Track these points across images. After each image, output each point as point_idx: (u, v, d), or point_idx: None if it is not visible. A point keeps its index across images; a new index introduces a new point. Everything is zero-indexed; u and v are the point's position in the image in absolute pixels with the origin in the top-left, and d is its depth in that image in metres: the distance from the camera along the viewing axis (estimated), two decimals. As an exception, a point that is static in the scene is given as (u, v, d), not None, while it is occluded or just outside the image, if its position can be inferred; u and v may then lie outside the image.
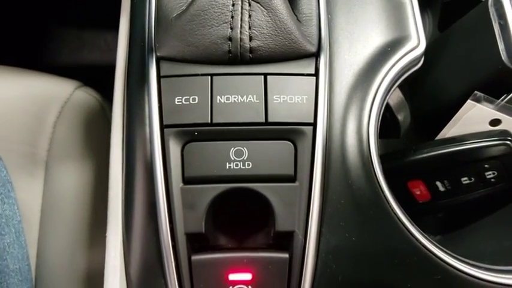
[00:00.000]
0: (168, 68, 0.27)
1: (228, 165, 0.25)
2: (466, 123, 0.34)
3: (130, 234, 0.26)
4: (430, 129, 0.37)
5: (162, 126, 0.26)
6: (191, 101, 0.26)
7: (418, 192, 0.36)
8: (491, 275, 0.25)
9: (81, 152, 0.46)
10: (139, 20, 0.29)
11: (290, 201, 0.25)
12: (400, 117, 0.33)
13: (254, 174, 0.25)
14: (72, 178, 0.46)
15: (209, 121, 0.26)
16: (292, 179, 0.26)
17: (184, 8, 0.27)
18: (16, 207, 0.42)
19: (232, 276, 0.24)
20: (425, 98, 0.41)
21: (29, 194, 0.45)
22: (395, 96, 0.33)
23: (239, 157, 0.26)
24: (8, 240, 0.40)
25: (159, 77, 0.27)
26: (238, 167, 0.25)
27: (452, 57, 0.37)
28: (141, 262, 0.26)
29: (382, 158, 0.38)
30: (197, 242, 0.26)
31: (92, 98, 0.49)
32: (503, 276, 0.26)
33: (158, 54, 0.27)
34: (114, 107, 0.30)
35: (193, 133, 0.26)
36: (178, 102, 0.26)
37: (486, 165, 0.33)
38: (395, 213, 0.26)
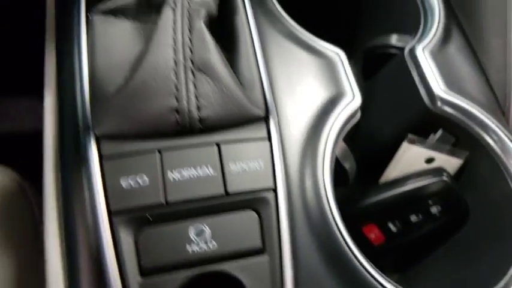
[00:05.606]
0: (109, 147, 0.24)
1: (188, 247, 0.23)
2: (405, 164, 0.36)
3: None
4: (372, 172, 0.38)
5: (110, 214, 0.23)
6: (140, 182, 0.24)
7: (373, 236, 0.37)
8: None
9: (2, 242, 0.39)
10: (69, 96, 0.27)
11: (263, 276, 0.23)
12: (346, 165, 0.34)
13: (219, 253, 0.23)
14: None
15: (163, 201, 0.23)
16: (261, 250, 0.24)
17: (122, 82, 0.25)
18: None
19: None
20: (364, 143, 0.43)
21: None
22: (340, 147, 0.34)
23: (200, 236, 0.24)
24: None
25: (100, 158, 0.24)
26: (201, 247, 0.23)
27: (382, 103, 0.40)
28: None
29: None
30: None
31: (9, 179, 0.43)
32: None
33: (97, 132, 0.24)
34: (45, 195, 0.26)
35: (146, 217, 0.23)
36: (125, 184, 0.23)
37: (430, 201, 0.35)
38: (362, 266, 0.26)
